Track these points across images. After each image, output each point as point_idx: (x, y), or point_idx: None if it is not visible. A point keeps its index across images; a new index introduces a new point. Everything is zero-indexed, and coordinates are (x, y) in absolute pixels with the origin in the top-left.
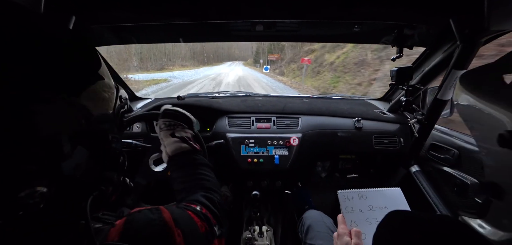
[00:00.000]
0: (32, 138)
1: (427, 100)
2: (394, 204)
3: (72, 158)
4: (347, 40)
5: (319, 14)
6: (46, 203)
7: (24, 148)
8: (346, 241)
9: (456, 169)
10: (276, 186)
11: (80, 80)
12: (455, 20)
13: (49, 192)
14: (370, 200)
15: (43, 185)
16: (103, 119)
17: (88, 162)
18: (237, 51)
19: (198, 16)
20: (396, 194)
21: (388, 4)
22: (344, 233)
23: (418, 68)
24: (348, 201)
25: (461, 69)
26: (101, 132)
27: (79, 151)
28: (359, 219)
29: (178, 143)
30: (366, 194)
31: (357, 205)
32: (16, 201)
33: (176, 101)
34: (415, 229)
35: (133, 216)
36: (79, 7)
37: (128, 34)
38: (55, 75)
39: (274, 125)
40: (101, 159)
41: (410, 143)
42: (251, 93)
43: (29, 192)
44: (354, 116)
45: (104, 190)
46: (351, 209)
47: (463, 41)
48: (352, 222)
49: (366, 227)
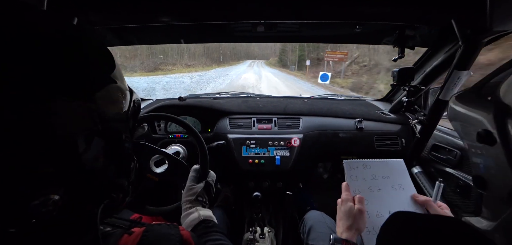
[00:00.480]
0: (49, 139)
1: (429, 101)
2: (396, 173)
3: (88, 157)
4: (348, 41)
5: (320, 14)
6: (58, 210)
7: (41, 149)
8: (349, 206)
9: (459, 169)
10: (277, 187)
11: (96, 80)
12: (457, 20)
13: (62, 200)
14: (374, 169)
15: (56, 191)
16: (117, 118)
17: (103, 162)
18: (256, 48)
19: (199, 18)
20: (398, 165)
21: (390, 5)
22: (348, 199)
23: (419, 69)
24: (353, 170)
25: (463, 69)
26: (115, 131)
27: (94, 150)
28: (362, 187)
29: (210, 212)
30: (370, 164)
31: (361, 174)
32: (29, 209)
33: (178, 102)
34: (417, 229)
35: (152, 228)
36: (81, 8)
37: (129, 35)
38: (73, 74)
39: (275, 126)
40: (115, 160)
41: (411, 143)
42: (252, 94)
43: (43, 200)
44: (355, 117)
45: (115, 198)
46: (355, 178)
47: (465, 42)
48: (355, 189)
49: (369, 194)
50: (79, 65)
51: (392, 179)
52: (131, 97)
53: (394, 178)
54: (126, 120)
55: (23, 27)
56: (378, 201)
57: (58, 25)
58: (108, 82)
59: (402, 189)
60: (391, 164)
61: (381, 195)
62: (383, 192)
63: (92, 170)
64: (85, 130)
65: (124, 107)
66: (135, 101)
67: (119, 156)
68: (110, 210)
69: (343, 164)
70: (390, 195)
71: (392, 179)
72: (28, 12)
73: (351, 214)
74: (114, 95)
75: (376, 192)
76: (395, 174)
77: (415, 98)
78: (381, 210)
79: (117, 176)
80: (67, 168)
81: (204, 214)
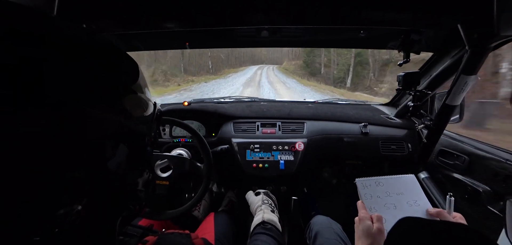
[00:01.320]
0: (80, 144)
1: (435, 106)
2: (410, 189)
3: (113, 161)
4: (352, 45)
5: (324, 19)
6: (80, 221)
7: (73, 154)
8: (368, 225)
9: (467, 175)
10: (281, 192)
11: (124, 86)
12: (464, 25)
13: (84, 210)
14: (387, 186)
15: (80, 202)
16: (142, 122)
17: (125, 168)
18: (263, 51)
19: (204, 24)
20: (411, 181)
21: (395, 9)
22: (366, 218)
23: (425, 74)
24: (366, 188)
25: (470, 74)
26: (139, 134)
27: (119, 154)
28: (378, 205)
29: (275, 217)
30: (383, 181)
31: (375, 191)
32: (54, 218)
33: (182, 107)
34: (424, 235)
35: (164, 237)
36: (89, 15)
37: (135, 41)
38: (104, 81)
39: (279, 130)
40: (136, 166)
41: (418, 148)
42: (256, 99)
43: (67, 209)
44: (360, 122)
45: (132, 209)
46: (370, 196)
47: (471, 47)
48: (371, 207)
49: (385, 211)
50: (109, 72)
51: (407, 195)
52: (155, 107)
53: (409, 194)
54: (149, 124)
55: (57, 37)
56: (395, 218)
57: (88, 34)
58: (134, 89)
59: (418, 205)
60: (404, 180)
61: (397, 212)
62: (398, 209)
63: (116, 176)
64: (113, 133)
65: (148, 112)
66: (158, 111)
67: (140, 161)
68: (126, 221)
69: (356, 183)
70: (407, 211)
71: (406, 195)
72: (57, 22)
73: (370, 233)
74: (139, 101)
75: (392, 209)
76: (409, 190)
77: (421, 103)
78: None
79: (135, 185)
80: (95, 172)
81: (267, 217)
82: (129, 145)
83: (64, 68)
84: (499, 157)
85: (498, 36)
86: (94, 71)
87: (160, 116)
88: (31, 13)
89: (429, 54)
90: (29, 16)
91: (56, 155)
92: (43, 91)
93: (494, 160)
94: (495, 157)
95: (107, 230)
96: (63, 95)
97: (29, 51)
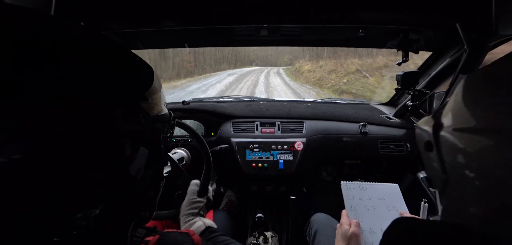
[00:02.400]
0: (102, 143)
1: (434, 105)
2: (391, 196)
3: (131, 156)
4: (351, 44)
5: (323, 18)
6: (96, 225)
7: (96, 154)
8: (345, 229)
9: None
10: (280, 191)
11: (141, 87)
12: (462, 24)
13: (101, 214)
14: (370, 191)
15: (97, 206)
16: (157, 120)
17: (144, 170)
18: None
19: (203, 22)
20: (393, 189)
21: (394, 9)
22: (345, 223)
23: (424, 73)
24: (350, 190)
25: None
26: (155, 131)
27: (139, 153)
28: (359, 206)
29: (212, 222)
30: (367, 186)
31: (358, 194)
32: (73, 221)
33: (182, 106)
34: (419, 235)
35: (165, 235)
36: (87, 13)
37: (134, 40)
38: (125, 82)
39: (279, 130)
40: (152, 162)
41: (416, 148)
42: (255, 98)
43: (85, 212)
44: (359, 121)
45: (143, 216)
46: (352, 197)
47: (470, 46)
48: (352, 206)
49: (364, 212)
50: (128, 75)
51: (387, 200)
52: (170, 114)
53: (389, 200)
54: (164, 123)
55: (82, 40)
56: (372, 219)
57: (105, 37)
58: (150, 92)
59: (396, 210)
60: (387, 188)
61: (375, 213)
62: (377, 211)
63: (133, 180)
64: (132, 132)
65: (163, 112)
66: (172, 116)
67: (155, 159)
68: (137, 226)
69: (341, 185)
70: (384, 214)
71: (386, 200)
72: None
73: (346, 236)
74: (156, 102)
75: (371, 211)
76: (390, 197)
77: (420, 103)
78: (374, 227)
79: (148, 191)
80: (113, 172)
81: (208, 222)
82: (147, 148)
83: (91, 68)
84: None
85: (497, 35)
86: (115, 74)
87: (173, 122)
88: (52, 22)
89: (428, 53)
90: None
91: (82, 155)
92: (71, 89)
93: None
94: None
95: (119, 236)
96: (91, 95)
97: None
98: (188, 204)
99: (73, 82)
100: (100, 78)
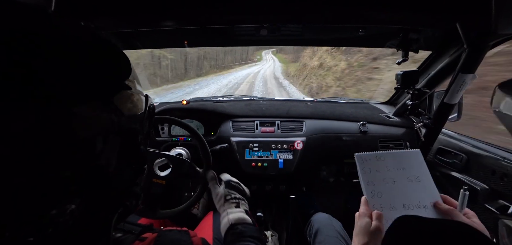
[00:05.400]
0: (70, 142)
1: (433, 104)
2: (412, 164)
3: (104, 159)
4: (351, 44)
5: (323, 18)
6: (74, 220)
7: (63, 152)
8: (366, 222)
9: (465, 174)
10: (280, 190)
11: (115, 83)
12: (462, 24)
13: (78, 209)
14: (388, 161)
15: (73, 201)
16: (133, 120)
17: (118, 166)
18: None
19: (203, 22)
20: (414, 155)
21: (393, 8)
22: (365, 214)
23: (424, 72)
24: (365, 163)
25: (469, 73)
26: (132, 133)
27: (111, 151)
28: (377, 179)
29: (243, 214)
30: (384, 155)
31: (375, 166)
32: (48, 218)
33: (181, 105)
34: (421, 233)
35: (164, 234)
36: (87, 13)
37: (133, 40)
38: (94, 77)
39: (278, 129)
40: (130, 163)
41: (416, 147)
42: (255, 97)
43: (60, 209)
44: (359, 120)
45: (128, 205)
46: (369, 170)
47: (470, 45)
48: (369, 181)
49: (383, 186)
50: (99, 68)
51: (408, 170)
52: (147, 101)
53: (410, 169)
54: (141, 122)
55: (46, 33)
56: (393, 193)
57: (79, 30)
58: (125, 85)
59: (419, 181)
60: (407, 155)
61: (396, 186)
62: (398, 184)
63: (108, 174)
64: (103, 131)
65: (140, 110)
66: (150, 106)
67: (134, 159)
68: (122, 217)
69: (355, 158)
70: (405, 186)
71: (407, 170)
72: (50, 18)
73: (367, 231)
74: (131, 98)
75: (390, 184)
76: (411, 165)
77: (419, 102)
78: (394, 203)
79: (130, 183)
80: (85, 171)
81: (234, 218)
82: (121, 142)
83: (52, 64)
84: (496, 155)
85: (496, 34)
86: (84, 67)
87: (153, 111)
88: (23, 9)
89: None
90: (20, 13)
91: (45, 154)
92: (31, 87)
93: (491, 158)
94: (492, 155)
95: (103, 227)
96: (51, 92)
97: (17, 48)
98: (215, 199)
99: (34, 78)
100: (63, 74)
